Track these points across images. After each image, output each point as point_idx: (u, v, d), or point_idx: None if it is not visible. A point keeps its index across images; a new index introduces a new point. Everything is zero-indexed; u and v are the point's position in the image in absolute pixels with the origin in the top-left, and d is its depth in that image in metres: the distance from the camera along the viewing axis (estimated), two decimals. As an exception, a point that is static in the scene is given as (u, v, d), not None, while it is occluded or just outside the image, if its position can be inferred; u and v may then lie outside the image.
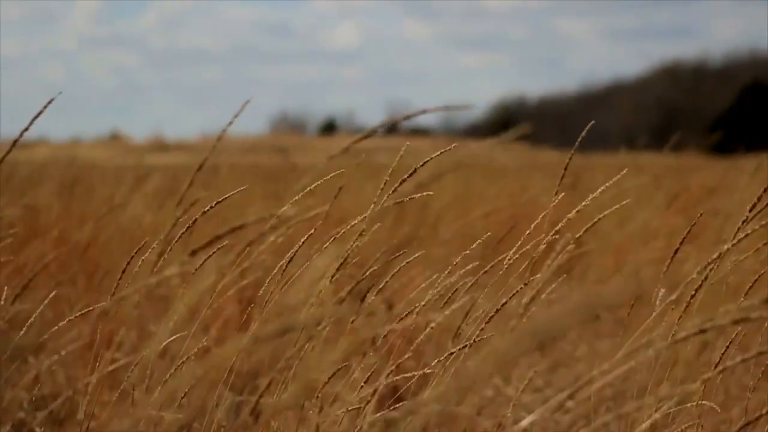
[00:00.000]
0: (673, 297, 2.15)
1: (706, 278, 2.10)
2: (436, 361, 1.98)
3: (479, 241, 2.05)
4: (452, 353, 1.99)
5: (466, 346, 2.03)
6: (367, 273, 1.91)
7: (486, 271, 2.11)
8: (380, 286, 1.91)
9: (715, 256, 2.06)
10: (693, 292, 2.09)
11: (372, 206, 1.76)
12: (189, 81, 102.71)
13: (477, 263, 2.20)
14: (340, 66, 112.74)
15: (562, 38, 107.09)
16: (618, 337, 2.82)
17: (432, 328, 2.06)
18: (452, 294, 2.03)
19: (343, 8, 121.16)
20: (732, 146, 4.19)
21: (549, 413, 2.60)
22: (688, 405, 2.24)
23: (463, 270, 2.04)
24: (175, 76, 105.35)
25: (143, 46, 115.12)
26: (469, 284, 2.06)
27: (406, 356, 2.05)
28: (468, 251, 2.05)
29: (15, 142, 2.08)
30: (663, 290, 2.07)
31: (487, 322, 1.97)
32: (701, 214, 2.26)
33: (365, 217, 1.82)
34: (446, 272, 2.01)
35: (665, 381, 2.34)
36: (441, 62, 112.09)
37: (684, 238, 2.01)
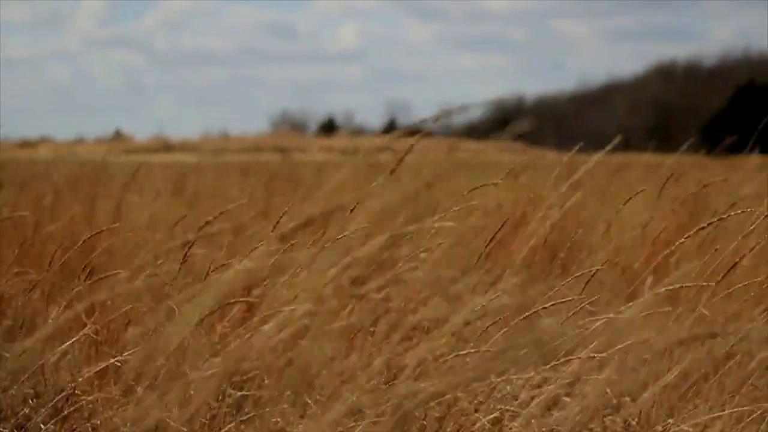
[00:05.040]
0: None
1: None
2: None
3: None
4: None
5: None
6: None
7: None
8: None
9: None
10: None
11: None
12: (192, 81, 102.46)
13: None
14: (341, 66, 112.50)
15: (562, 40, 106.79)
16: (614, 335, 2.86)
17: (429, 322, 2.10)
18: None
19: (344, 9, 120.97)
20: (727, 146, 4.24)
21: (545, 410, 2.64)
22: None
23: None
24: (178, 76, 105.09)
25: (148, 46, 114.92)
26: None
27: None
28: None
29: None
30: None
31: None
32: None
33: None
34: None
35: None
36: (441, 63, 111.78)
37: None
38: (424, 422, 2.47)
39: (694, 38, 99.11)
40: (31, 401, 2.82)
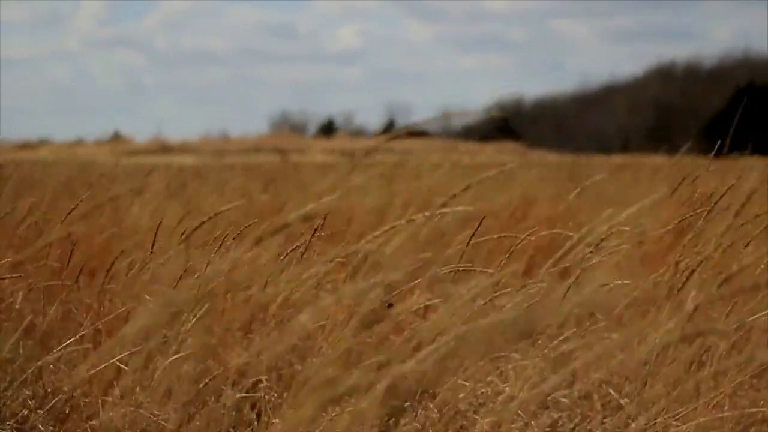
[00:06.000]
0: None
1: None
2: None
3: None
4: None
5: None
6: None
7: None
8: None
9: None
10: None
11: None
12: (192, 81, 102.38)
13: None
14: (341, 66, 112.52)
15: (562, 40, 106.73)
16: (614, 335, 2.86)
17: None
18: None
19: (344, 9, 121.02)
20: (726, 147, 4.25)
21: (543, 409, 2.63)
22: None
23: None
24: (178, 76, 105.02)
25: (148, 46, 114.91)
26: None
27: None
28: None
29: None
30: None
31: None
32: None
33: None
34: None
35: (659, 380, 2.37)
36: (441, 63, 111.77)
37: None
38: (418, 423, 2.47)
39: (694, 38, 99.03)
40: (29, 402, 2.81)
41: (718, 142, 3.18)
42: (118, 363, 2.62)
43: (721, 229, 2.85)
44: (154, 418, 2.46)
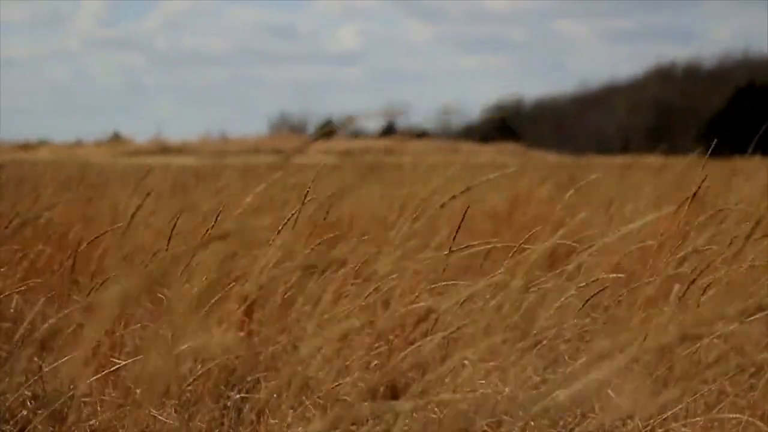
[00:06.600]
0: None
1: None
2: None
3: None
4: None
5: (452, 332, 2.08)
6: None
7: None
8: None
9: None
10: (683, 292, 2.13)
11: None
12: (192, 81, 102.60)
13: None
14: (341, 67, 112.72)
15: (562, 40, 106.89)
16: (613, 335, 2.86)
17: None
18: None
19: (344, 9, 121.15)
20: (726, 148, 4.25)
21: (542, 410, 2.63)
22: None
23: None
24: (178, 76, 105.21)
25: (148, 47, 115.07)
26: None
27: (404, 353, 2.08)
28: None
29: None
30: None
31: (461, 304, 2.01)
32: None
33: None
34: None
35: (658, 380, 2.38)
36: (441, 63, 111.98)
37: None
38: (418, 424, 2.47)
39: (693, 39, 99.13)
40: (29, 404, 2.81)
41: (713, 143, 3.19)
42: (117, 362, 2.63)
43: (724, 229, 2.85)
44: (154, 418, 2.46)
